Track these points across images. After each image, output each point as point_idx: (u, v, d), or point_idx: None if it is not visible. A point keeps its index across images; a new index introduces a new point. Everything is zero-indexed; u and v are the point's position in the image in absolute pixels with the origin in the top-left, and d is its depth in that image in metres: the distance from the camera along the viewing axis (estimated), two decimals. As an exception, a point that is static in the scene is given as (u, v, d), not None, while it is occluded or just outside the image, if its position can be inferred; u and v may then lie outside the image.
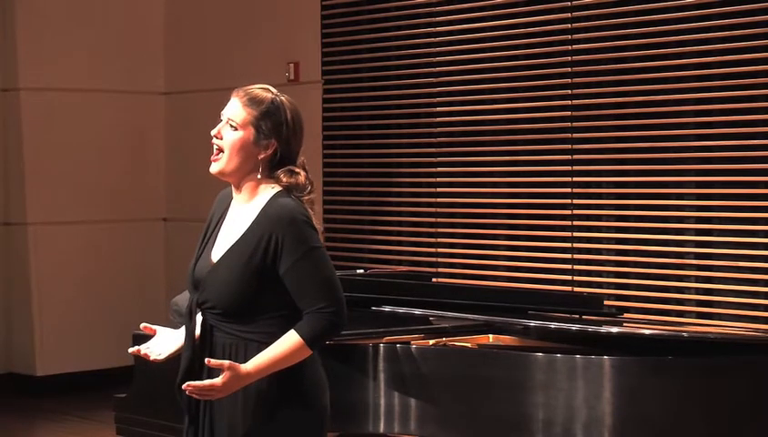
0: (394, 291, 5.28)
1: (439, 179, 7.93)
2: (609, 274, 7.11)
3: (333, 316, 3.47)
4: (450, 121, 7.86)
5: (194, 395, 3.45)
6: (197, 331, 3.61)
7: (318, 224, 3.59)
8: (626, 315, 6.47)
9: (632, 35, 6.96)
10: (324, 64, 8.62)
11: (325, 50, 8.62)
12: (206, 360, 3.44)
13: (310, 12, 8.69)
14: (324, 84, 8.62)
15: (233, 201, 3.65)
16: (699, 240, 6.73)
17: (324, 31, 8.63)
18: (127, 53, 9.57)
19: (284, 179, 3.56)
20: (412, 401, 4.53)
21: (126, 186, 9.57)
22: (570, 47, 7.23)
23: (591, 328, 4.91)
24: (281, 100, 3.59)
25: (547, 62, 7.35)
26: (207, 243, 3.65)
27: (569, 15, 7.23)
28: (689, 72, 6.75)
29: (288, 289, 3.49)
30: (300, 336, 3.45)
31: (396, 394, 4.55)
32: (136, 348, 3.67)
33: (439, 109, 7.92)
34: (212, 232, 3.66)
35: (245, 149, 3.55)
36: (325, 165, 8.60)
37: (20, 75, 9.07)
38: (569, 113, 7.24)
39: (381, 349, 4.58)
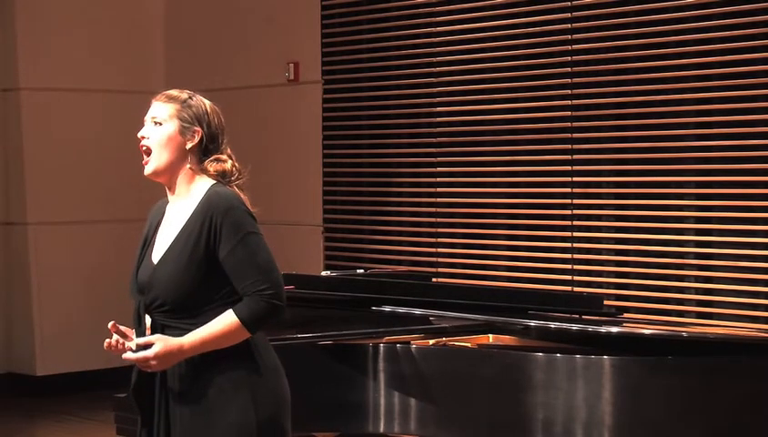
0: (394, 291, 5.28)
1: (439, 179, 7.93)
2: (609, 274, 7.11)
3: (272, 297, 3.51)
4: (450, 121, 7.85)
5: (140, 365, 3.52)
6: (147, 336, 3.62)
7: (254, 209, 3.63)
8: (626, 315, 6.47)
9: (632, 35, 6.96)
10: (324, 64, 8.62)
11: (325, 50, 8.62)
12: (134, 342, 3.50)
13: (310, 12, 8.69)
14: (324, 84, 8.62)
15: (168, 206, 3.72)
16: (699, 240, 6.73)
17: (324, 31, 8.63)
18: (127, 53, 9.56)
19: (211, 169, 3.64)
20: (412, 401, 4.53)
21: (126, 186, 9.56)
22: (570, 47, 7.23)
23: (591, 328, 4.91)
24: (197, 96, 3.72)
25: (547, 62, 7.34)
26: (146, 251, 3.71)
27: (569, 15, 7.23)
28: (689, 72, 6.75)
29: (228, 275, 3.53)
30: (237, 316, 3.49)
31: (396, 394, 4.55)
32: (115, 338, 3.62)
33: (439, 109, 7.92)
34: (150, 240, 3.72)
35: (172, 141, 3.66)
36: (325, 165, 8.59)
37: (20, 75, 9.06)
38: (569, 113, 7.24)
39: (381, 349, 4.59)
